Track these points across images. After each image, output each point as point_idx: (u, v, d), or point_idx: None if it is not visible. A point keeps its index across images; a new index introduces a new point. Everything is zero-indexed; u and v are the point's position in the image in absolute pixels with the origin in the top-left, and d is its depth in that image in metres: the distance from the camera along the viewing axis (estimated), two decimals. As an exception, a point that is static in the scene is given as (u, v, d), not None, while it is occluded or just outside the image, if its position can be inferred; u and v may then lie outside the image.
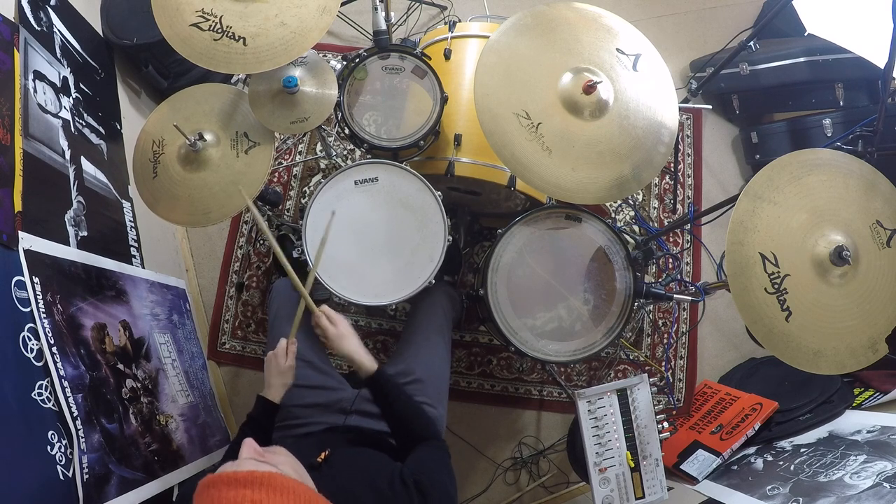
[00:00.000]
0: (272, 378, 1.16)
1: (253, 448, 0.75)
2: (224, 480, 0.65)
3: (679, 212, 2.15)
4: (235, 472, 0.65)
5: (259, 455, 0.74)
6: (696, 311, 2.04)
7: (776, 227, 1.10)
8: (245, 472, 0.65)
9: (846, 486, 1.23)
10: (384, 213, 1.38)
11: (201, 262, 2.08)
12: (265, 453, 0.76)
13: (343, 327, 1.17)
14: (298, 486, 0.68)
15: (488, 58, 1.20)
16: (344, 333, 1.16)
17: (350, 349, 1.15)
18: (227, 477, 0.65)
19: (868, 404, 1.63)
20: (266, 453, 0.76)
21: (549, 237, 1.42)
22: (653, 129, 1.22)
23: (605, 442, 1.32)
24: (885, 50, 1.19)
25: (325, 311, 1.19)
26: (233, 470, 0.66)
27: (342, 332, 1.16)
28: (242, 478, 0.64)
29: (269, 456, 0.75)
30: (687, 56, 2.33)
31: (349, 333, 1.17)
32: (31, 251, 1.17)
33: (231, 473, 0.65)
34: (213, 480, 0.65)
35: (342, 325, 1.18)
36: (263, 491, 0.64)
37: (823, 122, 1.97)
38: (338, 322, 1.18)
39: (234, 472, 0.65)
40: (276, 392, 1.15)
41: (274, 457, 0.76)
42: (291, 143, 2.18)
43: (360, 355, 1.14)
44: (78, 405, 1.15)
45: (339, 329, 1.17)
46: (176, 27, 1.19)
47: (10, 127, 1.21)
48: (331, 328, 1.16)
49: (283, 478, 0.67)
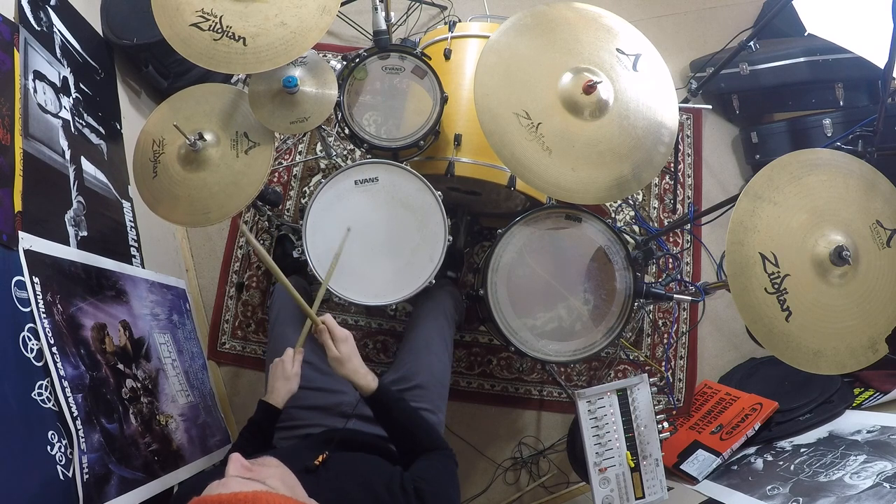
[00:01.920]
0: (277, 382, 1.15)
1: (239, 464, 0.73)
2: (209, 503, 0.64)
3: (679, 212, 2.15)
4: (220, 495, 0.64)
5: (246, 471, 0.72)
6: (696, 311, 2.04)
7: (776, 227, 1.10)
8: (229, 494, 0.64)
9: (846, 486, 1.23)
10: (384, 213, 1.38)
11: (201, 262, 2.08)
12: (253, 467, 0.74)
13: (343, 349, 1.10)
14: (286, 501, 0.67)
15: (488, 58, 1.20)
16: (343, 357, 1.09)
17: (349, 372, 1.09)
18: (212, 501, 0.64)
19: (868, 404, 1.63)
20: (255, 466, 0.74)
21: (549, 237, 1.42)
22: (653, 129, 1.22)
23: (605, 442, 1.32)
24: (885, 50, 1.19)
25: (328, 324, 1.12)
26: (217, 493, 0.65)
27: (343, 355, 1.10)
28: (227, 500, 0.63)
29: (257, 470, 0.73)
30: (687, 56, 2.33)
31: (349, 356, 1.10)
32: (31, 251, 1.16)
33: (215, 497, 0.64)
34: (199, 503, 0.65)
35: (342, 347, 1.10)
36: None
37: (823, 122, 1.97)
38: (339, 342, 1.11)
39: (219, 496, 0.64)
40: (280, 397, 1.14)
41: (263, 470, 0.74)
42: (291, 143, 2.18)
43: (359, 377, 1.09)
44: (78, 405, 1.15)
45: (340, 351, 1.10)
46: (176, 27, 1.19)
47: (10, 127, 1.21)
48: (332, 350, 1.10)
49: (268, 496, 0.65)
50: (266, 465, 0.77)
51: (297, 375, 1.16)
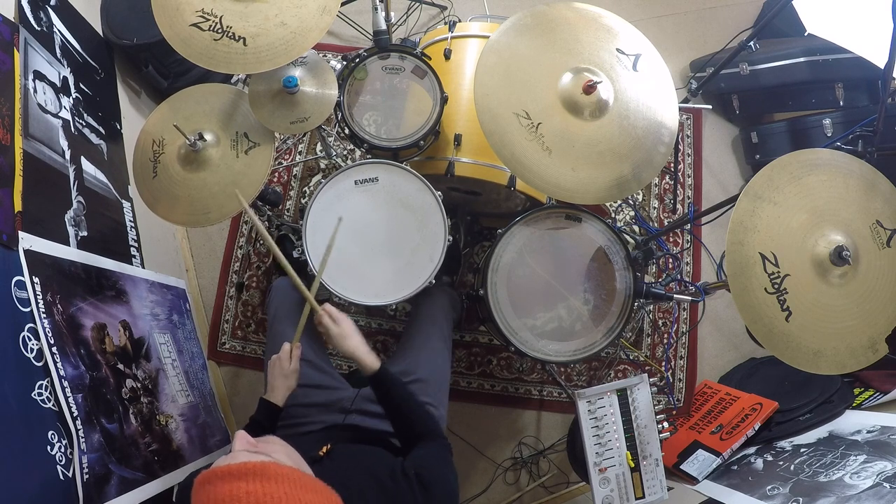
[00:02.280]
0: (276, 381, 1.16)
1: (245, 440, 0.74)
2: (218, 475, 0.64)
3: (679, 212, 2.15)
4: (229, 465, 0.65)
5: (252, 446, 0.74)
6: (696, 311, 2.04)
7: (776, 227, 1.10)
8: (238, 464, 0.65)
9: (846, 486, 1.23)
10: (384, 213, 1.38)
11: (201, 262, 2.08)
12: (258, 443, 0.75)
13: (346, 326, 1.17)
14: (293, 472, 0.68)
15: (488, 58, 1.20)
16: (346, 333, 1.16)
17: (352, 348, 1.14)
18: (222, 471, 0.64)
19: (868, 404, 1.63)
20: (259, 443, 0.76)
21: (549, 237, 1.42)
22: (653, 129, 1.22)
23: (605, 442, 1.32)
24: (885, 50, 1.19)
25: (327, 309, 1.18)
26: (226, 464, 0.65)
27: (345, 331, 1.16)
28: (236, 470, 0.64)
29: (262, 446, 0.75)
30: (687, 56, 2.33)
31: (351, 332, 1.17)
32: (31, 251, 1.16)
33: (224, 468, 0.65)
34: (208, 476, 0.65)
35: (345, 324, 1.17)
36: (258, 481, 0.63)
37: (823, 122, 1.97)
38: (340, 321, 1.17)
39: (228, 466, 0.65)
40: (280, 395, 1.15)
41: (267, 446, 0.76)
42: (291, 143, 2.18)
43: (362, 354, 1.14)
44: (78, 405, 1.15)
45: (341, 328, 1.16)
46: (176, 27, 1.19)
47: (10, 127, 1.21)
48: (333, 327, 1.16)
49: (277, 466, 0.66)
50: (270, 441, 0.78)
51: (295, 371, 1.17)
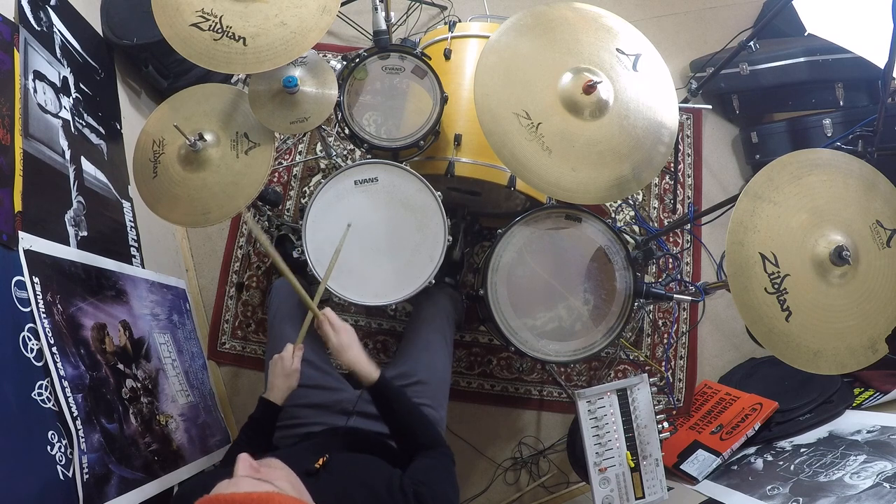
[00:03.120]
0: (276, 380, 1.15)
1: (248, 464, 0.72)
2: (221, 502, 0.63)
3: (679, 212, 2.15)
4: (233, 495, 0.64)
5: (255, 472, 0.72)
6: (696, 311, 2.04)
7: (776, 227, 1.10)
8: (242, 494, 0.64)
9: (846, 486, 1.23)
10: (384, 214, 1.38)
11: (201, 262, 2.08)
12: (261, 468, 0.74)
13: (345, 337, 1.15)
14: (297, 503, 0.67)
15: (488, 58, 1.20)
16: (345, 344, 1.14)
17: (351, 360, 1.12)
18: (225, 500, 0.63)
19: (868, 404, 1.63)
20: (262, 468, 0.74)
21: (549, 237, 1.42)
22: (653, 129, 1.22)
23: (605, 442, 1.32)
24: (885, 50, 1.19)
25: (328, 316, 1.17)
26: (230, 492, 0.64)
27: (343, 342, 1.14)
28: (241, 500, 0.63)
29: (265, 471, 0.73)
30: (687, 56, 2.33)
31: (350, 343, 1.14)
32: (31, 251, 1.17)
33: (228, 496, 0.63)
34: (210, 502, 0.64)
35: (344, 335, 1.15)
36: None
37: (823, 122, 1.97)
38: (340, 330, 1.15)
39: (232, 496, 0.63)
40: (280, 394, 1.15)
41: (271, 472, 0.74)
42: (291, 143, 2.18)
43: (361, 365, 1.12)
44: (78, 405, 1.15)
45: (340, 339, 1.14)
46: (176, 27, 1.19)
47: (10, 127, 1.21)
48: (332, 338, 1.14)
49: (281, 497, 0.65)
50: (273, 466, 0.77)
51: (296, 372, 1.16)
